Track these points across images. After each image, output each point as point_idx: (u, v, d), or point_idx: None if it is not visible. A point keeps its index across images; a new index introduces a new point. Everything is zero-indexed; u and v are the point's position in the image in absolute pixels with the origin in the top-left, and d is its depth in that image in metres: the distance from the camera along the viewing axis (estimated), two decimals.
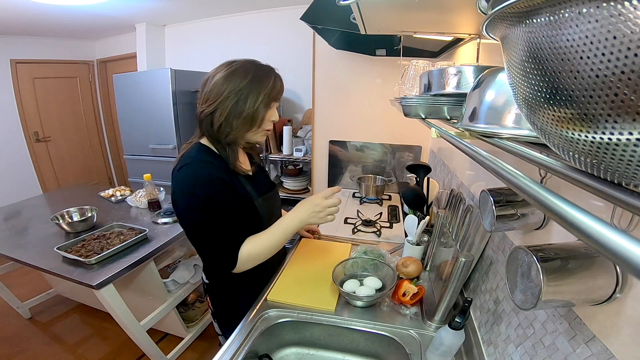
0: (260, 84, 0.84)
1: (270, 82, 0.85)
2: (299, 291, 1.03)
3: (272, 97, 0.86)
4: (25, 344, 1.91)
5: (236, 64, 0.85)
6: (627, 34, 0.14)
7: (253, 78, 0.83)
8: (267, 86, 0.84)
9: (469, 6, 0.76)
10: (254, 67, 0.85)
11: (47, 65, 3.51)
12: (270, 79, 0.86)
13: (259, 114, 0.85)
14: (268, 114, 0.88)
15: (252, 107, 0.83)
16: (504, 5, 0.21)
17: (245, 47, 3.01)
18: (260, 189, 0.98)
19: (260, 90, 0.83)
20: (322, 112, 2.21)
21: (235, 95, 0.82)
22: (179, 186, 0.84)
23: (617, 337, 0.40)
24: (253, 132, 0.89)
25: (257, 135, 0.91)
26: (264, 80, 0.84)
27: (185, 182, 0.83)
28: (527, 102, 0.24)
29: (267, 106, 0.86)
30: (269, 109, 0.88)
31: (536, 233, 0.63)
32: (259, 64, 0.88)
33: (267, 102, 0.86)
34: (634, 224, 0.38)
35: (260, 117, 0.86)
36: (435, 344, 0.76)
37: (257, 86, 0.83)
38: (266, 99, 0.84)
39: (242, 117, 0.84)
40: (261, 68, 0.87)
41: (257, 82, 0.83)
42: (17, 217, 1.90)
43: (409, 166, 1.57)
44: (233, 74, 0.83)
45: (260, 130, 0.90)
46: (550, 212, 0.22)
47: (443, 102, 0.73)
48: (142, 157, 2.80)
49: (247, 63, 0.86)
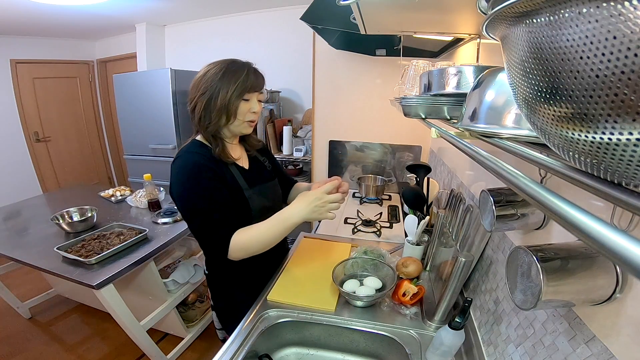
0: (231, 77, 0.89)
1: (242, 75, 0.90)
2: (299, 291, 1.03)
3: (245, 89, 0.90)
4: (25, 344, 1.91)
5: (214, 63, 0.92)
6: (627, 34, 0.14)
7: (225, 73, 0.89)
8: (237, 79, 0.89)
9: (469, 6, 0.76)
10: (227, 64, 0.91)
11: (47, 65, 3.51)
12: (243, 72, 0.90)
13: (231, 105, 0.90)
14: (244, 105, 0.92)
15: (224, 98, 0.88)
16: (504, 5, 0.21)
17: (245, 47, 3.01)
18: (253, 181, 1.00)
19: (231, 83, 0.88)
20: (322, 112, 2.21)
21: (210, 89, 0.88)
22: (172, 177, 0.92)
23: (617, 337, 0.40)
24: (232, 123, 0.93)
25: (240, 127, 0.96)
26: (235, 74, 0.89)
27: (177, 172, 0.90)
28: (527, 102, 0.24)
29: (240, 97, 0.90)
30: (245, 101, 0.92)
31: (536, 233, 0.63)
32: (234, 60, 0.93)
33: (239, 94, 0.90)
34: (634, 224, 0.38)
35: (233, 108, 0.90)
36: (435, 344, 0.76)
37: (227, 80, 0.88)
38: (237, 91, 0.89)
39: (217, 109, 0.89)
40: (234, 64, 0.92)
41: (229, 75, 0.89)
42: (17, 217, 1.90)
43: (409, 166, 1.57)
44: (208, 71, 0.90)
45: (241, 122, 0.94)
46: (550, 212, 0.22)
47: (443, 102, 0.73)
48: (142, 157, 2.80)
49: (223, 61, 0.92)
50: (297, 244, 1.34)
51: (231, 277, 1.07)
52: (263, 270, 1.12)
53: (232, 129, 0.96)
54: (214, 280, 1.10)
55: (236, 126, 0.95)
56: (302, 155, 2.55)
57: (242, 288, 1.07)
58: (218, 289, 1.10)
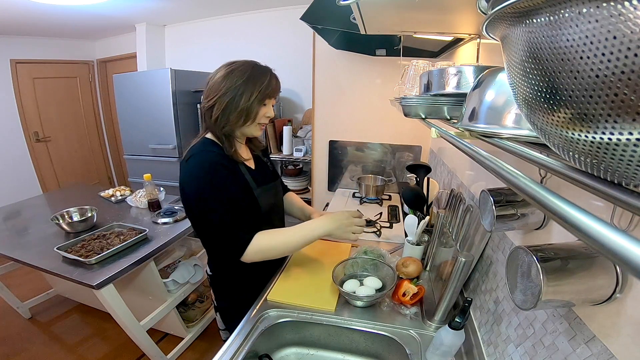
0: (255, 82, 0.90)
1: (266, 80, 0.92)
2: (299, 291, 1.03)
3: (267, 95, 0.92)
4: (25, 344, 1.91)
5: (236, 64, 0.92)
6: (627, 34, 0.14)
7: (249, 77, 0.90)
8: (262, 84, 0.91)
9: (469, 6, 0.76)
10: (251, 66, 0.92)
11: (47, 65, 3.51)
12: (266, 78, 0.92)
13: (252, 109, 0.91)
14: (263, 110, 0.94)
15: (246, 102, 0.90)
16: (504, 5, 0.21)
17: (245, 47, 3.01)
18: (260, 180, 1.02)
19: (255, 88, 0.90)
20: (322, 112, 2.21)
21: (233, 91, 0.89)
22: (187, 175, 0.91)
23: (617, 337, 0.40)
24: (247, 125, 0.95)
25: (252, 129, 0.97)
26: (259, 78, 0.91)
27: (192, 171, 0.90)
28: (527, 102, 0.24)
29: (261, 102, 0.92)
30: (264, 105, 0.94)
31: (536, 233, 0.63)
32: (257, 64, 0.94)
33: (261, 99, 0.92)
34: (634, 224, 0.38)
35: (254, 112, 0.92)
36: (435, 344, 0.76)
37: (252, 84, 0.90)
38: (260, 95, 0.91)
39: (237, 111, 0.90)
40: (258, 68, 0.93)
41: (253, 80, 0.90)
42: (17, 217, 1.90)
43: (409, 166, 1.57)
44: (232, 72, 0.90)
45: (255, 124, 0.96)
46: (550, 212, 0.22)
47: (443, 102, 0.73)
48: (142, 157, 2.80)
49: (245, 63, 0.93)
50: None
51: (236, 278, 1.07)
52: (267, 270, 1.12)
53: (244, 131, 0.97)
54: (218, 280, 1.10)
55: (249, 127, 0.96)
56: (302, 155, 2.55)
57: (247, 288, 1.07)
58: (222, 290, 1.10)
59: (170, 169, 2.74)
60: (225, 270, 1.07)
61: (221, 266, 1.07)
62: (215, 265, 1.09)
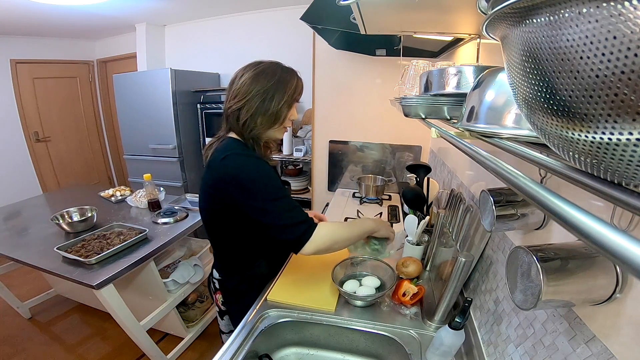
0: (285, 85, 0.89)
1: (294, 83, 0.91)
2: (299, 291, 1.03)
3: (295, 98, 0.92)
4: (25, 344, 1.91)
5: (263, 65, 0.91)
6: (627, 34, 0.14)
7: (279, 79, 0.89)
8: (291, 87, 0.90)
9: (469, 6, 0.76)
10: (279, 69, 0.91)
11: (47, 65, 3.51)
12: (294, 81, 0.91)
13: (282, 113, 0.91)
14: (290, 113, 0.94)
15: (276, 106, 0.89)
16: (504, 5, 0.21)
17: (245, 47, 3.01)
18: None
19: (285, 91, 0.89)
20: (322, 112, 2.21)
21: (262, 94, 0.87)
22: (231, 173, 0.85)
23: (617, 337, 0.40)
24: (274, 129, 0.94)
25: (277, 132, 0.97)
26: (288, 81, 0.90)
27: (243, 165, 0.86)
28: (527, 102, 0.24)
29: (290, 106, 0.92)
30: (291, 108, 0.94)
31: (536, 233, 0.63)
32: (283, 66, 0.93)
33: (290, 102, 0.92)
34: (634, 224, 0.38)
35: (283, 115, 0.92)
36: (435, 344, 0.76)
37: (282, 87, 0.89)
38: (289, 99, 0.91)
39: (267, 115, 0.89)
40: (286, 70, 0.92)
41: (282, 83, 0.89)
42: (17, 217, 1.90)
43: (409, 166, 1.57)
44: (260, 74, 0.88)
45: (281, 128, 0.95)
46: (550, 212, 0.22)
47: (443, 102, 0.73)
48: (142, 157, 2.81)
49: (273, 65, 0.91)
50: None
51: (248, 279, 1.06)
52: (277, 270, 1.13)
53: (269, 134, 0.95)
54: (229, 284, 1.08)
55: (275, 131, 0.95)
56: (302, 155, 2.55)
57: (253, 288, 1.06)
58: (233, 293, 1.08)
59: (170, 169, 2.74)
60: (237, 272, 1.06)
61: (232, 269, 1.06)
62: (226, 268, 1.07)
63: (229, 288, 1.08)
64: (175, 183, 2.75)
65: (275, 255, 1.15)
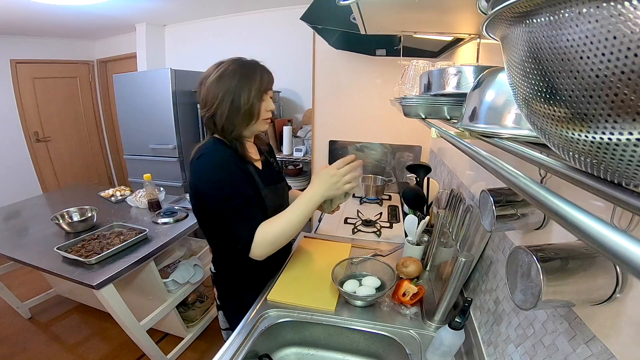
0: (248, 80, 0.89)
1: (258, 76, 0.91)
2: (299, 291, 1.03)
3: (263, 89, 0.92)
4: (25, 344, 1.91)
5: (223, 65, 0.90)
6: (627, 34, 0.14)
7: (241, 76, 0.89)
8: (255, 81, 0.90)
9: (469, 6, 0.76)
10: (239, 65, 0.90)
11: (47, 65, 3.51)
12: (257, 74, 0.91)
13: (254, 108, 0.91)
14: (263, 105, 0.94)
15: (247, 103, 0.89)
16: (504, 5, 0.21)
17: (245, 47, 3.01)
18: (267, 181, 1.01)
19: (251, 86, 0.89)
20: (322, 112, 2.21)
21: (230, 95, 0.88)
22: (198, 173, 0.90)
23: (617, 337, 0.40)
24: (253, 124, 0.95)
25: (259, 126, 0.97)
26: (251, 75, 0.90)
27: (204, 169, 0.89)
28: (527, 102, 0.24)
29: (260, 98, 0.92)
30: (263, 100, 0.93)
31: (536, 233, 0.63)
32: (244, 61, 0.93)
33: (259, 95, 0.91)
34: (634, 224, 0.38)
35: (256, 109, 0.92)
36: (435, 344, 0.76)
37: (247, 82, 0.89)
38: (257, 92, 0.90)
39: (241, 113, 0.90)
40: (246, 65, 0.92)
41: (246, 78, 0.89)
42: (17, 217, 1.90)
43: (409, 166, 1.57)
44: (222, 76, 0.88)
45: (260, 121, 0.96)
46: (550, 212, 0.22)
47: (443, 102, 0.73)
48: (142, 157, 2.80)
49: (233, 63, 0.91)
50: (297, 244, 1.34)
51: (240, 276, 1.07)
52: (271, 268, 1.13)
53: (252, 129, 0.96)
54: (222, 278, 1.09)
55: (256, 126, 0.96)
56: (302, 155, 2.55)
57: (251, 287, 1.07)
58: (226, 288, 1.10)
59: (170, 169, 2.74)
60: (230, 268, 1.07)
61: (226, 263, 1.07)
62: (220, 262, 1.09)
63: (222, 282, 1.10)
64: (175, 183, 2.75)
65: None
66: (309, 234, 1.44)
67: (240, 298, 1.07)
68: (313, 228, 1.60)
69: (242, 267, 1.04)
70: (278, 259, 1.17)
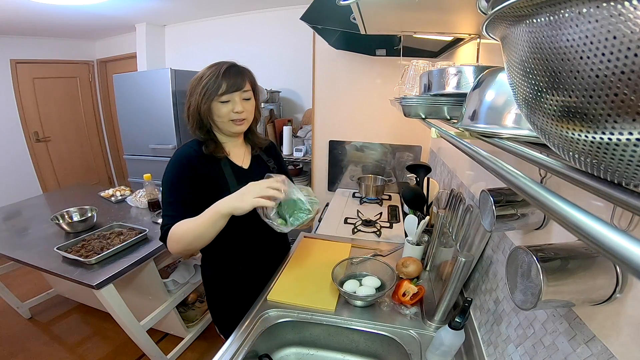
0: (200, 84, 0.89)
1: (212, 79, 0.88)
2: (299, 291, 1.03)
3: (213, 93, 0.88)
4: (25, 344, 1.91)
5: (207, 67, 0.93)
6: (627, 34, 0.14)
7: (198, 79, 0.90)
8: (206, 84, 0.88)
9: (469, 6, 0.76)
10: (206, 68, 0.91)
11: (47, 65, 3.51)
12: (213, 76, 0.88)
13: (203, 111, 0.90)
14: (223, 107, 0.90)
15: (195, 105, 0.90)
16: (504, 5, 0.21)
17: (245, 47, 3.01)
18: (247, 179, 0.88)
19: (200, 89, 0.88)
20: (322, 112, 2.21)
21: (189, 97, 0.92)
22: None
23: (617, 337, 0.40)
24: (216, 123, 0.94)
25: (226, 126, 0.94)
26: (205, 78, 0.88)
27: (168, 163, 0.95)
28: (527, 102, 0.24)
29: (209, 101, 0.89)
30: (222, 102, 0.90)
31: (536, 233, 0.63)
32: (216, 63, 0.92)
33: (207, 99, 0.88)
34: (634, 224, 0.38)
35: (203, 112, 0.90)
36: (435, 344, 0.76)
37: (198, 87, 0.89)
38: (205, 96, 0.88)
39: (191, 115, 0.92)
40: (210, 67, 0.91)
41: (199, 82, 0.89)
42: (17, 217, 1.90)
43: (409, 166, 1.57)
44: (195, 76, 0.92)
45: (226, 122, 0.93)
46: (550, 212, 0.22)
47: (443, 102, 0.73)
48: (142, 157, 2.80)
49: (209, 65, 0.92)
50: (297, 244, 1.34)
51: (226, 276, 1.07)
52: (259, 271, 1.11)
53: (221, 129, 0.96)
54: (209, 279, 1.11)
55: (221, 126, 0.95)
56: (302, 155, 2.55)
57: (238, 288, 1.07)
58: (208, 283, 1.12)
59: None
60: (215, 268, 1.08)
61: (211, 264, 1.09)
62: (206, 263, 1.10)
63: (209, 283, 1.12)
64: None
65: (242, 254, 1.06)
66: (309, 234, 1.44)
67: (226, 299, 1.09)
68: (313, 228, 1.60)
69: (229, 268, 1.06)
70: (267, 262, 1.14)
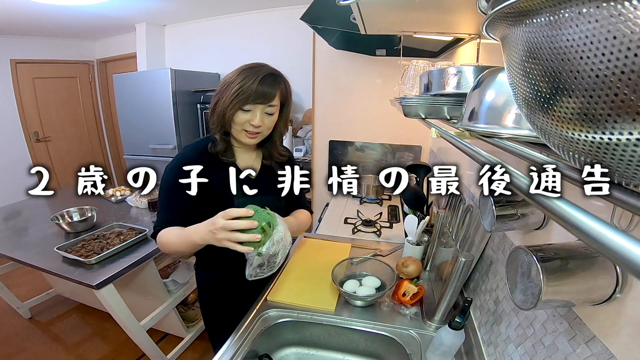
0: (234, 86, 0.82)
1: (243, 85, 0.82)
2: (299, 291, 1.03)
3: (242, 101, 0.83)
4: (25, 344, 1.91)
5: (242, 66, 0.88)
6: (627, 34, 0.14)
7: (232, 79, 0.84)
8: (239, 89, 0.82)
9: (469, 6, 0.76)
10: (243, 69, 0.85)
11: (47, 65, 3.51)
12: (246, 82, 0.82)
13: (227, 114, 0.84)
14: (242, 116, 0.85)
15: (223, 107, 0.84)
16: (504, 5, 0.21)
17: (245, 47, 3.01)
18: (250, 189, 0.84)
19: (232, 92, 0.82)
20: (322, 112, 2.21)
21: (218, 95, 0.86)
22: None
23: (617, 337, 0.40)
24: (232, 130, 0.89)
25: (238, 135, 0.89)
26: (239, 82, 0.83)
27: None
28: (527, 102, 0.24)
29: (236, 108, 0.83)
30: (243, 111, 0.84)
31: (536, 233, 0.63)
32: (252, 67, 0.86)
33: (235, 105, 0.83)
34: (634, 224, 0.38)
35: (228, 118, 0.85)
36: (435, 344, 0.76)
37: (230, 88, 0.83)
38: (234, 102, 0.82)
39: (215, 115, 0.88)
40: (248, 70, 0.85)
41: (233, 83, 0.83)
42: (17, 217, 1.90)
43: (409, 166, 1.57)
44: (228, 74, 0.88)
45: (239, 131, 0.88)
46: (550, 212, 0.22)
47: (443, 102, 0.73)
48: (142, 157, 2.81)
49: (244, 66, 0.87)
50: (297, 244, 1.34)
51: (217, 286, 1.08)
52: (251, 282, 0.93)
53: (234, 135, 0.91)
54: (200, 285, 1.12)
55: (234, 133, 0.90)
56: (302, 155, 2.55)
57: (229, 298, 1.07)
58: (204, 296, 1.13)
59: None
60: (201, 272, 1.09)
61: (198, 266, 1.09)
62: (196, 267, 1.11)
63: (197, 281, 1.13)
64: None
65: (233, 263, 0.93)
66: (309, 234, 1.44)
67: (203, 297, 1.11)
68: (313, 228, 1.60)
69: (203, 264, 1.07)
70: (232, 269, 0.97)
